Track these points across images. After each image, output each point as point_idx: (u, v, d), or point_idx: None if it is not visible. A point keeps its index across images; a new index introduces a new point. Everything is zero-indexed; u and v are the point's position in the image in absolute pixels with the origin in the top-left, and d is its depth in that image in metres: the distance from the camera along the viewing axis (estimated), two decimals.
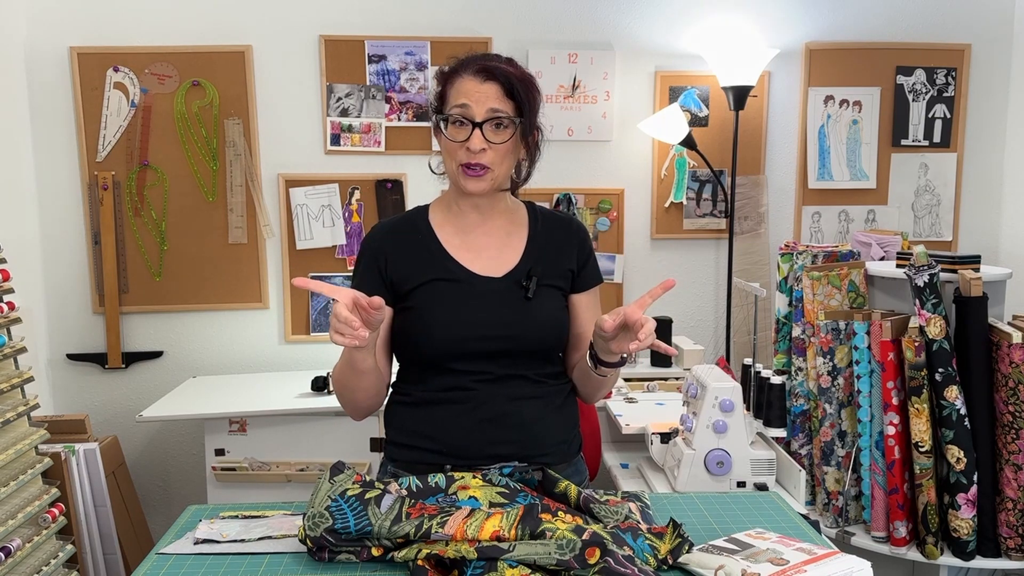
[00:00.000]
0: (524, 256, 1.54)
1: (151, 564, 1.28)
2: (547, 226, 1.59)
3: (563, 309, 1.56)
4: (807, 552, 1.19)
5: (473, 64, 1.46)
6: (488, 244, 1.54)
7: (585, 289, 1.59)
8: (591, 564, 1.13)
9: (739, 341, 3.25)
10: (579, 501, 1.35)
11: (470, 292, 1.49)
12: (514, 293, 1.50)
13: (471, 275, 1.51)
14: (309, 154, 3.10)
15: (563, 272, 1.56)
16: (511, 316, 1.48)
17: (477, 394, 1.48)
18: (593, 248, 1.63)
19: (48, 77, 2.96)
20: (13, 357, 2.18)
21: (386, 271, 1.52)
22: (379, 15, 3.06)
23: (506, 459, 1.47)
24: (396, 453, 1.54)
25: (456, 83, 1.47)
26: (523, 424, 1.49)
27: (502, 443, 1.48)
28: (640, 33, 3.16)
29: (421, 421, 1.51)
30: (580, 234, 1.61)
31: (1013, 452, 2.27)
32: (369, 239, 1.57)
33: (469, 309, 1.48)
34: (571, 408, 1.60)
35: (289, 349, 3.16)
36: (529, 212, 1.61)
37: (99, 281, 3.04)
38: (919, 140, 3.27)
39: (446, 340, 1.46)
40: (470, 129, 1.44)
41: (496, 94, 1.44)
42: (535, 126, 1.52)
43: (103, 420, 3.10)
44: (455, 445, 1.48)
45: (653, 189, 3.22)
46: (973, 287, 2.29)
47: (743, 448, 2.03)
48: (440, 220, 1.57)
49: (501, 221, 1.57)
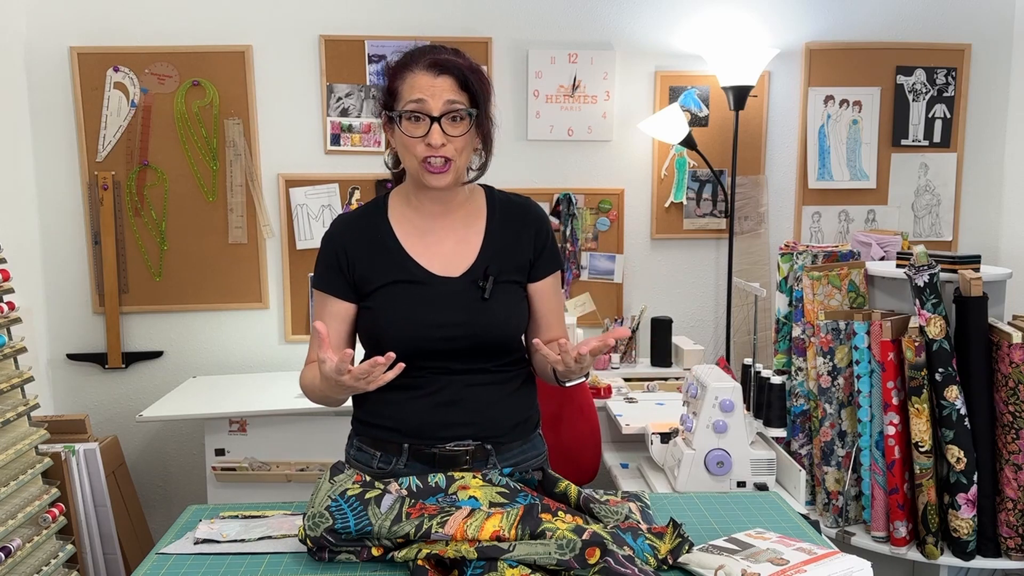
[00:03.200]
0: (481, 253, 1.55)
1: (151, 564, 1.28)
2: (504, 215, 1.59)
3: (521, 302, 1.58)
4: (807, 552, 1.19)
5: (423, 58, 1.47)
6: (445, 240, 1.56)
7: (543, 277, 1.60)
8: (591, 564, 1.13)
9: (739, 341, 3.25)
10: (579, 501, 1.35)
11: (428, 294, 1.51)
12: (471, 293, 1.52)
13: (429, 275, 1.53)
14: (309, 154, 3.10)
15: (520, 265, 1.57)
16: (468, 316, 1.51)
17: (434, 381, 1.52)
18: (552, 232, 1.63)
19: (48, 77, 2.96)
20: (13, 357, 2.18)
21: (347, 270, 1.55)
22: (379, 15, 3.06)
23: (460, 439, 1.52)
24: (361, 429, 1.61)
25: (408, 78, 1.46)
26: (478, 408, 1.53)
27: (457, 425, 1.52)
28: (640, 33, 3.16)
29: (382, 403, 1.54)
30: (537, 221, 1.61)
31: (1013, 452, 2.27)
32: (330, 237, 1.59)
33: (427, 311, 1.50)
34: (528, 389, 1.63)
35: (289, 349, 3.16)
36: (488, 199, 1.61)
37: (99, 281, 3.04)
38: (919, 140, 3.27)
39: (405, 341, 1.49)
40: (428, 124, 1.44)
41: (451, 87, 1.45)
42: (488, 116, 1.52)
43: (103, 420, 3.10)
44: (412, 425, 1.53)
45: (653, 189, 3.22)
46: (973, 287, 2.29)
47: (743, 448, 2.03)
48: (399, 215, 1.58)
49: (459, 213, 1.58)
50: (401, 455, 1.54)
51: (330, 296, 1.56)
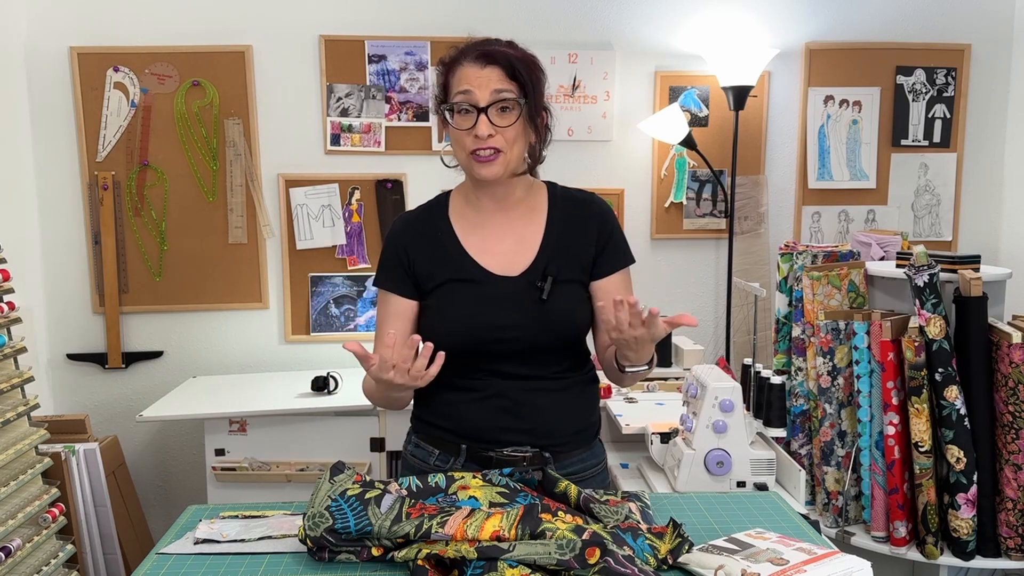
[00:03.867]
0: (540, 252, 1.52)
1: (151, 564, 1.28)
2: (566, 211, 1.56)
3: (582, 303, 1.53)
4: (807, 552, 1.19)
5: (473, 50, 1.45)
6: (505, 238, 1.53)
7: (608, 274, 1.55)
8: (591, 564, 1.13)
9: (739, 341, 3.25)
10: (579, 501, 1.35)
11: (486, 293, 1.49)
12: (530, 293, 1.49)
13: (488, 275, 1.50)
14: (309, 154, 3.10)
15: (582, 264, 1.53)
16: (526, 318, 1.48)
17: (493, 384, 1.50)
18: (618, 227, 1.58)
19: (48, 77, 2.96)
20: (13, 357, 2.18)
21: (410, 268, 1.54)
22: (379, 15, 3.06)
23: (519, 444, 1.50)
24: (419, 426, 1.59)
25: (457, 71, 1.46)
26: (535, 414, 1.50)
27: (513, 431, 1.50)
28: (640, 33, 3.16)
29: (441, 402, 1.54)
30: (601, 214, 1.57)
31: (1013, 452, 2.27)
32: (392, 235, 1.58)
33: (484, 311, 1.48)
34: (589, 396, 1.59)
35: (289, 349, 3.16)
36: (549, 195, 1.58)
37: (99, 281, 3.04)
38: (919, 140, 3.27)
39: (461, 341, 1.47)
40: (475, 115, 1.43)
41: (498, 77, 1.43)
42: (542, 107, 1.50)
43: (103, 420, 3.10)
44: (471, 427, 1.51)
45: (653, 189, 3.22)
46: (973, 287, 2.29)
47: (743, 448, 2.03)
48: (458, 212, 1.56)
49: (520, 210, 1.55)
50: (459, 455, 1.52)
51: (392, 294, 1.55)
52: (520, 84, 1.44)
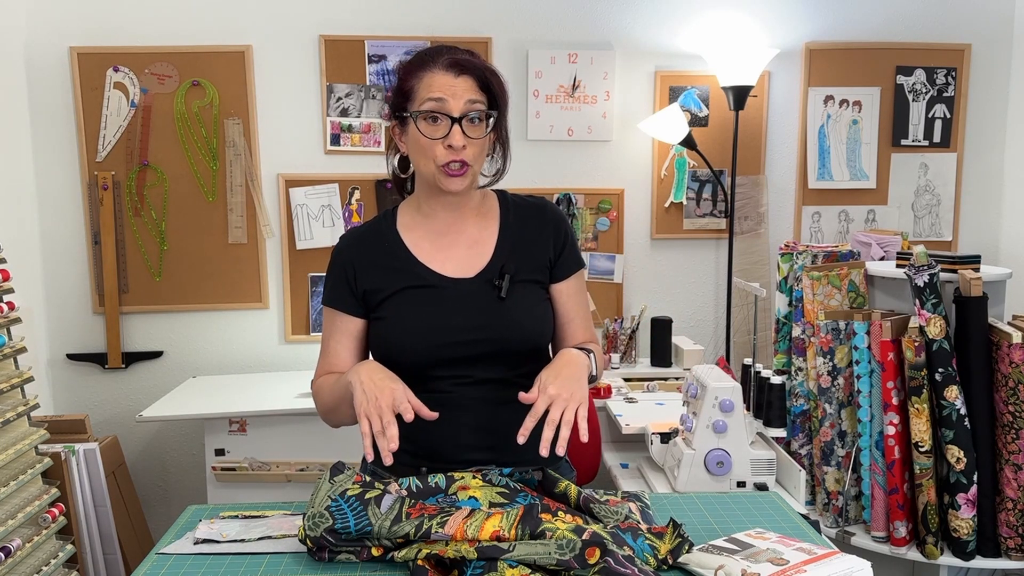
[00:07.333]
0: (496, 253, 1.49)
1: (151, 564, 1.28)
2: (519, 215, 1.53)
3: (542, 303, 1.50)
4: (807, 552, 1.19)
5: (442, 58, 1.40)
6: (457, 243, 1.50)
7: (565, 277, 1.53)
8: (591, 564, 1.13)
9: (739, 341, 3.25)
10: (579, 501, 1.35)
11: (441, 296, 1.45)
12: (487, 294, 1.45)
13: (441, 279, 1.46)
14: (309, 154, 3.10)
15: (540, 264, 1.50)
16: (485, 318, 1.44)
17: (454, 397, 1.44)
18: (572, 231, 1.56)
19: (48, 77, 2.96)
20: (13, 357, 2.18)
21: (355, 284, 1.50)
22: (379, 15, 3.06)
23: (483, 464, 1.42)
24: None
25: (425, 78, 1.40)
26: (500, 431, 1.43)
27: (477, 449, 1.45)
28: (640, 33, 3.16)
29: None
30: (555, 219, 1.54)
31: (1013, 452, 2.27)
32: (337, 252, 1.54)
33: (441, 314, 1.44)
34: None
35: (289, 349, 3.16)
36: (500, 202, 1.55)
37: (99, 281, 3.04)
38: (919, 140, 3.27)
39: (420, 348, 1.43)
40: (447, 125, 1.39)
41: (471, 87, 1.40)
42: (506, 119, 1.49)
43: (103, 420, 3.10)
44: (431, 448, 1.45)
45: (653, 189, 3.22)
46: (973, 287, 2.29)
47: (743, 448, 2.03)
48: (409, 223, 1.52)
49: (472, 217, 1.52)
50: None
51: (339, 312, 1.51)
52: (490, 96, 1.43)
